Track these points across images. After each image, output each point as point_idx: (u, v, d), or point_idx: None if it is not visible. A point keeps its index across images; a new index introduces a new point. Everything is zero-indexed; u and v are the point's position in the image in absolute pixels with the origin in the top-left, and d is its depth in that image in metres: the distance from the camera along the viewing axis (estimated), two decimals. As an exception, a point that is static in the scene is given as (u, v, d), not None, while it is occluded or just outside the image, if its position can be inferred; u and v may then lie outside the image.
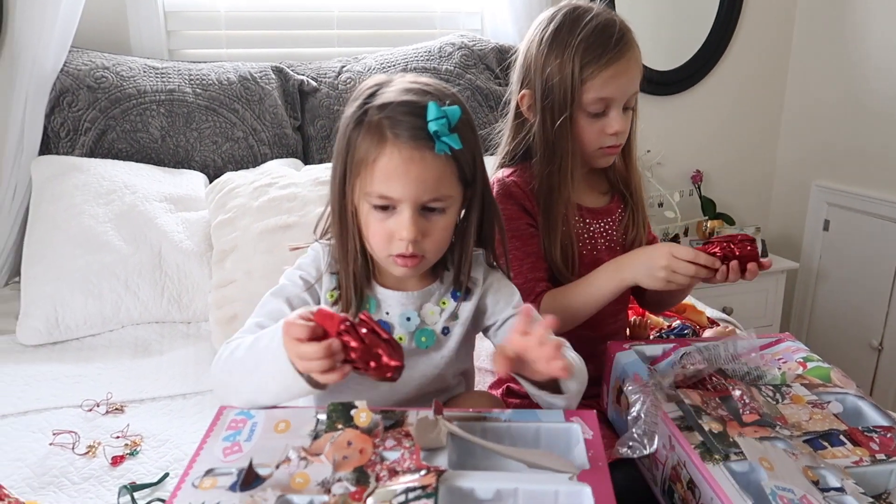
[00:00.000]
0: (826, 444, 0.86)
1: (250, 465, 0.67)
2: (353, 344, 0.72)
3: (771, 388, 0.96)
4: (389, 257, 0.89)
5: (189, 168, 1.86)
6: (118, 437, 1.13)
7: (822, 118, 2.58)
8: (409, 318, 0.93)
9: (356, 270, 0.93)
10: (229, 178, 1.66)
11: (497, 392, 1.25)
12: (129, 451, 1.10)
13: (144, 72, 1.87)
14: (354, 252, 0.92)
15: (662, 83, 2.54)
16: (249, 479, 0.67)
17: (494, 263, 1.01)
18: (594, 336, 1.16)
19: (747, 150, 2.73)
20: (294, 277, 0.95)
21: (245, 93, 1.92)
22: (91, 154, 1.78)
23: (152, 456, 1.10)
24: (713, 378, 0.96)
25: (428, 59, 2.13)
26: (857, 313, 2.49)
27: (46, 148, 1.80)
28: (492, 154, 1.30)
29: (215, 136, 1.88)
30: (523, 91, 1.15)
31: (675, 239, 2.52)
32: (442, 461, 0.70)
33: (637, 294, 1.31)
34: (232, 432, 0.75)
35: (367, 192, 0.86)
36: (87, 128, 1.79)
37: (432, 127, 0.83)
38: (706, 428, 0.86)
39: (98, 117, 1.79)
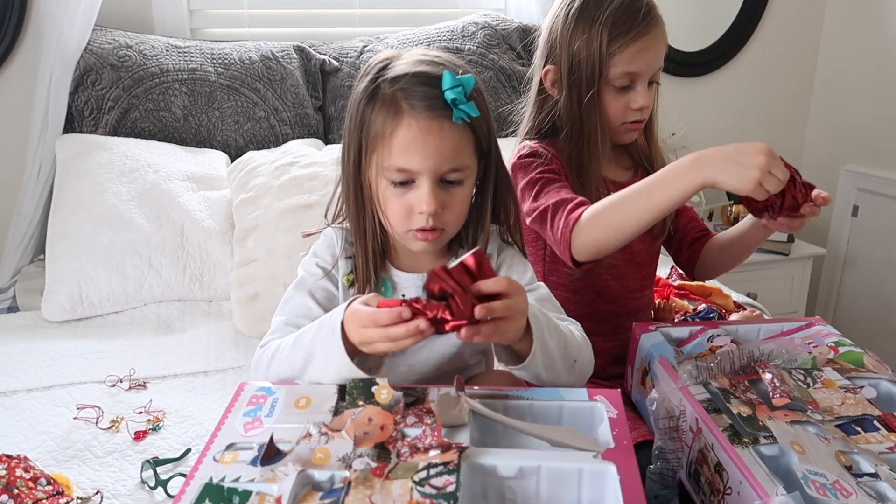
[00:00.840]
0: (859, 429, 0.84)
1: (271, 440, 0.67)
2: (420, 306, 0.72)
3: (802, 372, 0.94)
4: (409, 233, 0.88)
5: (211, 148, 1.86)
6: (141, 413, 1.14)
7: (853, 101, 2.51)
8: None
9: (374, 250, 0.91)
10: (251, 157, 1.66)
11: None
12: (151, 427, 1.10)
13: (167, 51, 1.87)
14: (373, 231, 0.91)
15: (689, 65, 2.49)
16: (270, 454, 0.66)
17: (509, 239, 0.99)
18: (617, 311, 1.14)
19: (774, 133, 2.67)
20: (311, 267, 0.94)
21: (267, 72, 1.91)
22: (114, 133, 1.79)
23: (174, 431, 1.10)
24: (743, 359, 0.93)
25: (451, 39, 2.10)
26: (885, 301, 2.44)
27: (70, 126, 1.80)
28: (513, 133, 1.28)
29: (237, 115, 1.88)
30: (547, 67, 1.13)
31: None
32: (464, 438, 0.69)
33: (687, 261, 1.25)
34: (253, 408, 0.75)
35: (385, 166, 0.85)
36: (110, 106, 1.79)
37: (449, 95, 0.82)
38: (735, 411, 0.84)
39: (121, 96, 1.79)
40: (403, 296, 0.94)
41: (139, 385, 1.23)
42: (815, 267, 2.50)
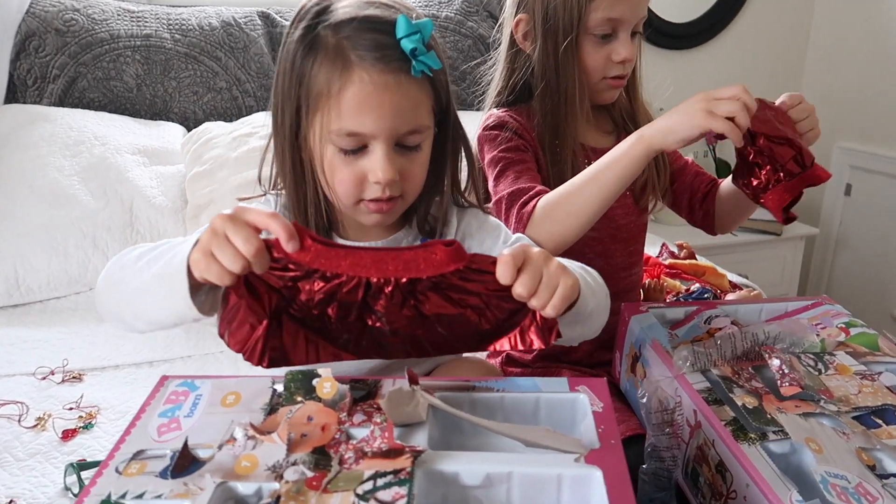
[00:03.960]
0: (880, 421, 0.73)
1: (185, 447, 0.55)
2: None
3: (811, 356, 0.83)
4: (360, 204, 0.76)
5: (167, 121, 1.73)
6: (72, 409, 1.01)
7: (846, 76, 2.41)
8: None
9: (317, 225, 0.79)
10: (207, 127, 1.53)
11: (495, 361, 1.12)
12: (82, 425, 0.98)
13: (118, 15, 1.73)
14: (315, 204, 0.79)
15: (677, 36, 2.38)
16: (184, 464, 0.54)
17: (465, 203, 0.88)
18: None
19: (767, 108, 2.57)
20: None
21: (228, 39, 1.77)
22: (60, 104, 1.64)
23: (108, 430, 0.98)
24: (746, 343, 0.82)
25: (427, 6, 1.98)
26: (878, 283, 2.36)
27: (13, 97, 1.66)
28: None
29: (196, 85, 1.74)
30: (519, 16, 1.01)
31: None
32: (420, 440, 0.58)
33: (704, 219, 1.12)
34: (170, 406, 0.63)
35: (332, 130, 0.72)
36: (55, 75, 1.65)
37: (407, 45, 0.69)
38: (739, 402, 0.74)
39: (67, 63, 1.64)
40: None
41: (74, 377, 1.11)
42: (807, 247, 2.40)
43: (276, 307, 0.62)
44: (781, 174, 0.85)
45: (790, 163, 0.84)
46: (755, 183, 0.87)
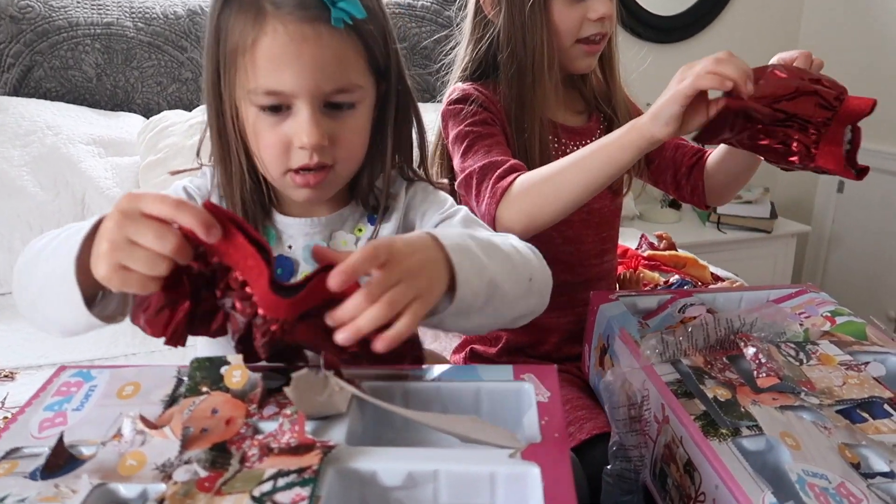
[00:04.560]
0: (866, 415, 0.66)
1: (59, 444, 0.47)
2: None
3: (792, 346, 0.76)
4: (287, 174, 0.69)
5: (129, 112, 1.66)
6: (-4, 409, 0.94)
7: (838, 71, 2.30)
8: None
9: (245, 197, 0.72)
10: (164, 116, 1.47)
11: (459, 356, 1.05)
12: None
13: (79, 2, 1.65)
14: (240, 173, 0.71)
15: (664, 29, 2.32)
16: (57, 463, 0.47)
17: (412, 175, 0.81)
18: (573, 281, 0.95)
19: (756, 103, 2.50)
20: (177, 189, 0.76)
21: (194, 28, 1.71)
22: (15, 93, 1.58)
23: (35, 431, 0.90)
24: (720, 332, 0.75)
25: (402, -5, 1.91)
26: (872, 282, 2.29)
27: (-34, 87, 1.59)
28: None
29: (159, 76, 1.68)
30: None
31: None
32: (337, 434, 0.50)
33: (692, 193, 1.01)
34: (60, 399, 0.55)
35: (250, 89, 0.65)
36: (10, 63, 1.57)
37: None
38: (710, 395, 0.66)
39: (22, 52, 1.57)
40: (290, 247, 0.75)
41: (5, 376, 1.03)
42: (799, 245, 2.34)
43: (196, 283, 0.54)
44: (812, 131, 0.73)
45: (815, 111, 0.72)
46: (797, 159, 0.75)
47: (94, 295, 0.56)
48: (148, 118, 1.64)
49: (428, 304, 0.54)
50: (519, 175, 0.85)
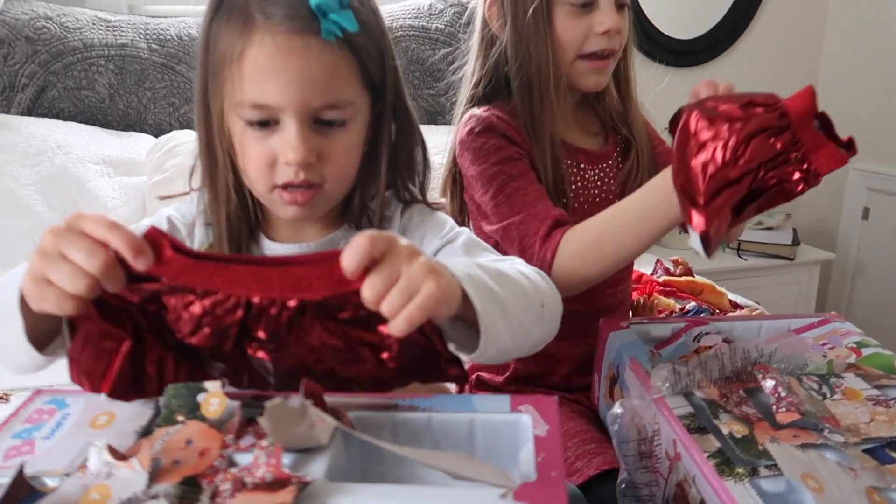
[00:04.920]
0: (896, 455, 0.61)
1: (19, 475, 0.44)
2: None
3: (815, 378, 0.71)
4: (274, 191, 0.66)
5: (142, 132, 1.66)
6: (-12, 432, 0.91)
7: (862, 92, 2.29)
8: None
9: (231, 217, 0.70)
10: (173, 135, 1.46)
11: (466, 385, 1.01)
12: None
13: (94, 24, 1.67)
14: (227, 190, 0.69)
15: (683, 53, 2.28)
16: (16, 495, 0.44)
17: (408, 197, 0.78)
18: (584, 310, 0.91)
19: (778, 128, 2.45)
20: (160, 218, 0.73)
21: (208, 50, 1.71)
22: (28, 113, 1.58)
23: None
24: (736, 362, 0.70)
25: (416, 17, 1.90)
26: (900, 311, 2.21)
27: (-18, 107, 1.60)
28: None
29: (172, 97, 1.67)
30: None
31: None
32: (318, 468, 0.46)
33: None
34: (30, 426, 0.53)
35: (237, 101, 0.63)
36: (24, 83, 1.58)
37: (314, 0, 0.60)
38: (725, 431, 0.62)
39: (37, 72, 1.58)
40: None
41: (0, 398, 1.01)
42: (822, 273, 2.27)
43: (137, 327, 0.52)
44: (792, 154, 0.65)
45: (775, 141, 0.65)
46: (805, 186, 0.66)
47: (47, 334, 0.53)
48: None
49: (444, 292, 0.50)
50: (565, 231, 0.81)
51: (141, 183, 1.46)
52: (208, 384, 0.51)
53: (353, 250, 0.48)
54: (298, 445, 0.47)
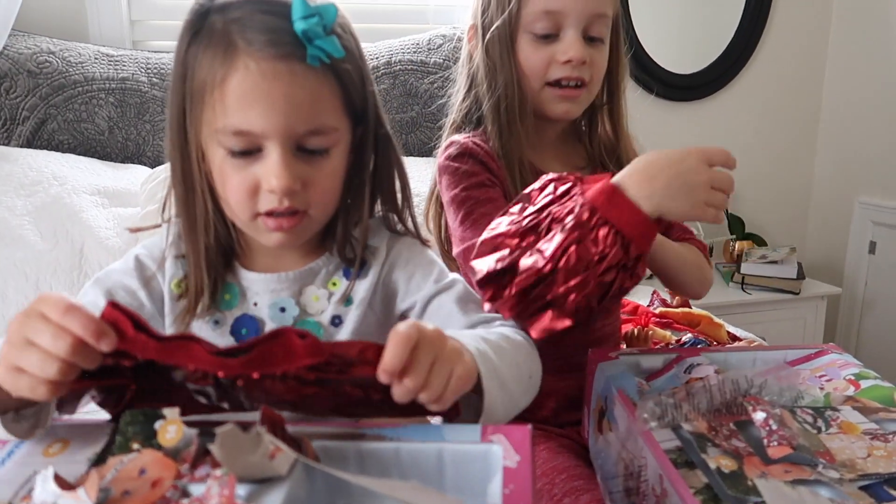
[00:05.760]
0: (894, 492, 0.58)
1: (-42, 503, 0.42)
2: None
3: (810, 411, 0.68)
4: (257, 219, 0.65)
5: (141, 164, 1.66)
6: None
7: (866, 125, 2.28)
8: (283, 309, 0.69)
9: (209, 247, 0.68)
10: (168, 166, 1.45)
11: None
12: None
13: (96, 58, 1.68)
14: (206, 219, 0.67)
15: (684, 87, 2.29)
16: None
17: (400, 227, 0.76)
18: (574, 342, 0.88)
19: (780, 162, 2.44)
20: (129, 260, 0.72)
21: (208, 83, 1.72)
22: (28, 145, 1.58)
23: None
24: (726, 394, 0.68)
25: (415, 52, 1.92)
26: (911, 348, 2.17)
27: (-17, 140, 1.61)
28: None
29: (171, 129, 1.68)
30: (471, 23, 0.92)
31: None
32: (274, 500, 0.44)
33: None
34: (-20, 453, 0.51)
35: (218, 128, 0.62)
36: (24, 116, 1.59)
37: (299, 26, 0.60)
38: (713, 465, 0.59)
39: (38, 105, 1.59)
40: (255, 304, 0.70)
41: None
42: (830, 308, 2.23)
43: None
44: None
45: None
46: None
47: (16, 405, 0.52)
48: (155, 170, 1.65)
49: (469, 374, 0.54)
50: None
51: (134, 213, 1.45)
52: (166, 411, 0.49)
53: (394, 349, 0.49)
54: (255, 475, 0.45)
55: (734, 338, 1.16)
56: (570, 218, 0.67)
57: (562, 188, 0.71)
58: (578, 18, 0.85)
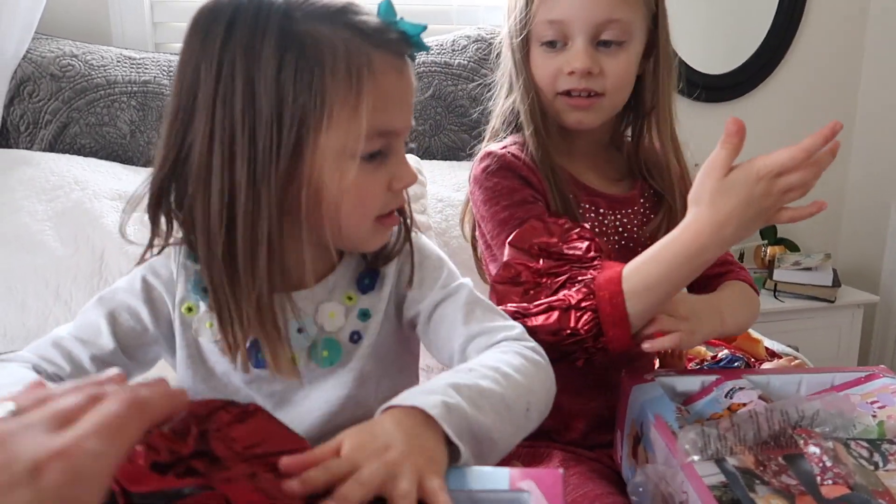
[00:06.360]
0: (963, 539, 0.53)
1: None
2: None
3: (865, 444, 0.64)
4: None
5: (162, 168, 1.65)
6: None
7: (902, 126, 2.21)
8: (300, 330, 0.65)
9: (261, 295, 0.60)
10: (190, 171, 1.43)
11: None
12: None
13: (119, 61, 1.67)
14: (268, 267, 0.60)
15: (715, 88, 2.22)
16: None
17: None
18: (604, 361, 0.85)
19: (814, 165, 2.36)
20: (134, 280, 0.68)
21: (230, 86, 1.70)
22: (50, 149, 1.58)
23: None
24: (774, 425, 0.63)
25: (439, 53, 1.88)
26: (952, 358, 2.09)
27: (6, 142, 1.60)
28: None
29: (193, 132, 1.66)
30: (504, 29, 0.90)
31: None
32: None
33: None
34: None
35: (354, 136, 0.59)
36: (47, 120, 1.59)
37: (413, 30, 0.62)
38: (762, 504, 0.55)
39: (60, 108, 1.59)
40: (300, 331, 0.66)
41: None
42: (866, 316, 2.15)
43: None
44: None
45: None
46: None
47: None
48: (179, 174, 1.63)
49: (441, 468, 0.49)
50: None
51: (156, 219, 1.44)
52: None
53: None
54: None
55: (773, 354, 1.11)
56: (574, 289, 0.75)
57: (591, 254, 0.78)
58: (584, 27, 0.82)
